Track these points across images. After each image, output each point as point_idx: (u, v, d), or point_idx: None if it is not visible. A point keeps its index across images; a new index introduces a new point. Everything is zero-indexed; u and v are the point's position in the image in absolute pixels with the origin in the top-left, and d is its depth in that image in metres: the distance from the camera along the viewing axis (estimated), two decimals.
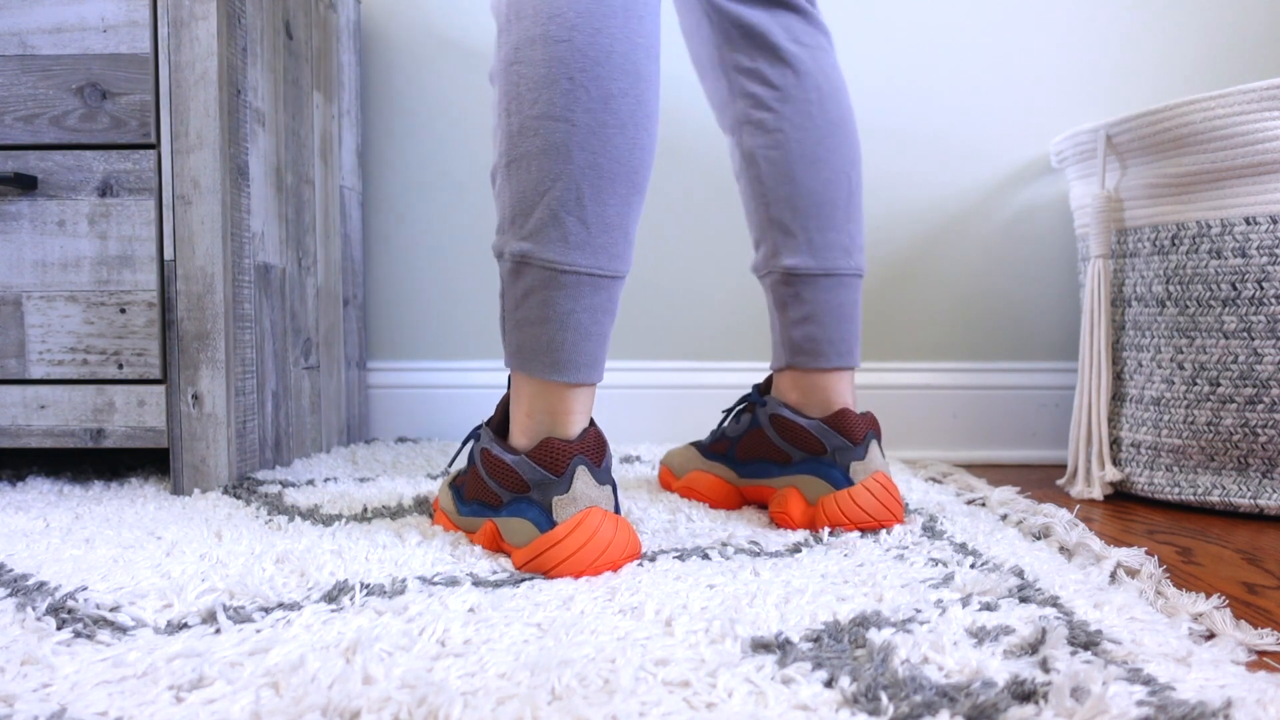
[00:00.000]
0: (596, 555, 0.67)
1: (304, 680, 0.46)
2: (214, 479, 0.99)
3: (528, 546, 0.68)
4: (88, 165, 0.98)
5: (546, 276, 0.69)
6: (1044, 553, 0.74)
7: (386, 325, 1.45)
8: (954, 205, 1.40)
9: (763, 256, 0.89)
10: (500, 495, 0.72)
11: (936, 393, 1.39)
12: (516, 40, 0.69)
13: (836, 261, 0.87)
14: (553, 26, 0.67)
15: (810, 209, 0.86)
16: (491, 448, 0.73)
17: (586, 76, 0.67)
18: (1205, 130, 0.99)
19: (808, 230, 0.86)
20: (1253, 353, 0.98)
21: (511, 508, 0.71)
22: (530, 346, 0.70)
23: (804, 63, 0.87)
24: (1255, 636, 0.56)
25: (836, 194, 0.87)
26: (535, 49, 0.68)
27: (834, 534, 0.80)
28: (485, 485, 0.73)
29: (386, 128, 1.44)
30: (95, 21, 0.97)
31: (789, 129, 0.86)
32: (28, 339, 0.99)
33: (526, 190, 0.68)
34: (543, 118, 0.68)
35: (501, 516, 0.72)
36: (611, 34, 0.68)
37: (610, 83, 0.68)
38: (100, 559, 0.70)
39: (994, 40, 1.39)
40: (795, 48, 0.87)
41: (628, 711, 0.43)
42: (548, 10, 0.67)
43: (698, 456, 0.98)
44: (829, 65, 0.88)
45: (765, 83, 0.86)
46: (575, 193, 0.68)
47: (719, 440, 0.96)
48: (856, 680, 0.47)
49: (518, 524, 0.70)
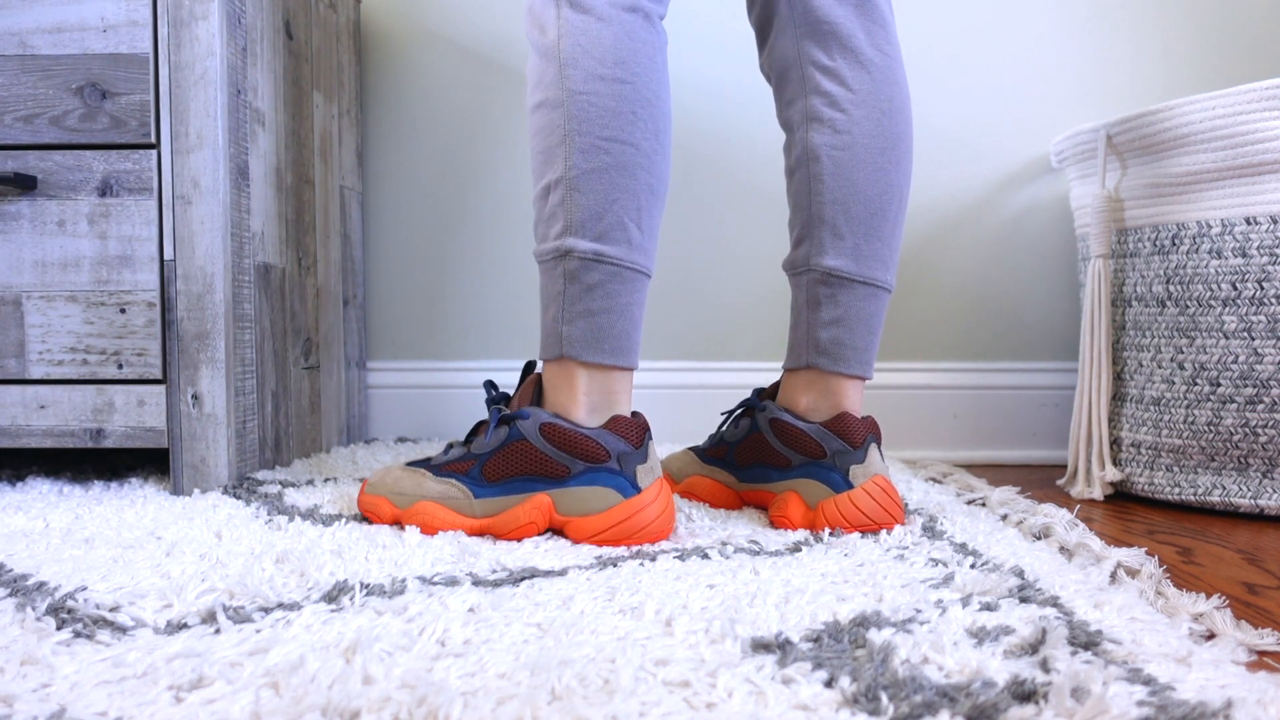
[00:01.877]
0: (667, 521, 0.78)
1: (304, 680, 0.46)
2: (214, 479, 0.99)
3: (608, 512, 0.76)
4: (88, 165, 0.98)
5: (613, 272, 0.80)
6: (1044, 553, 0.74)
7: (386, 325, 1.45)
8: (954, 205, 1.40)
9: (803, 254, 0.90)
10: (570, 466, 0.78)
11: (936, 393, 1.39)
12: (584, 75, 0.79)
13: (876, 272, 0.88)
14: (620, 70, 0.80)
15: (864, 215, 0.87)
16: (559, 423, 0.78)
17: (645, 113, 0.81)
18: (1205, 130, 0.99)
19: (856, 236, 0.87)
20: (1253, 353, 0.98)
21: (585, 477, 0.78)
22: (594, 334, 0.80)
23: (882, 70, 0.89)
24: (1255, 636, 0.56)
25: (889, 206, 0.88)
26: (605, 85, 0.79)
27: (834, 534, 0.80)
28: (544, 459, 0.78)
29: (386, 128, 1.44)
30: (95, 21, 0.97)
31: (858, 133, 0.88)
32: (27, 339, 0.99)
33: (599, 199, 0.79)
34: (612, 140, 0.79)
35: (568, 486, 0.78)
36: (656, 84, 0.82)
37: (657, 121, 0.81)
38: (100, 559, 0.70)
39: (994, 40, 1.39)
40: (876, 54, 0.89)
41: (628, 711, 0.43)
42: (614, 57, 0.80)
43: (696, 461, 0.98)
44: (901, 78, 0.90)
45: (842, 83, 0.88)
46: (636, 204, 0.80)
47: (717, 445, 0.96)
48: (856, 680, 0.47)
49: (593, 491, 0.77)
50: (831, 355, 0.87)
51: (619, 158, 0.80)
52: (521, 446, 0.79)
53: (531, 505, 0.78)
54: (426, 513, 0.80)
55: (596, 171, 0.79)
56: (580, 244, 0.79)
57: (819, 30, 0.88)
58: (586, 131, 0.79)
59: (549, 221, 0.80)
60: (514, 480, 0.79)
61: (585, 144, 0.79)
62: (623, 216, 0.80)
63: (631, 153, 0.80)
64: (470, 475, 0.80)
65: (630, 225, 0.80)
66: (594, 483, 0.77)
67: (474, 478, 0.80)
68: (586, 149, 0.79)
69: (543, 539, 0.78)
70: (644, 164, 0.80)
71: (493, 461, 0.79)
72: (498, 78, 1.42)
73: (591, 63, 0.79)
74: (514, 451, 0.79)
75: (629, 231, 0.80)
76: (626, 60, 0.80)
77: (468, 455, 0.81)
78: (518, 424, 0.79)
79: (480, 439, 0.81)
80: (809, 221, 0.89)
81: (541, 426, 0.78)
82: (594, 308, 0.80)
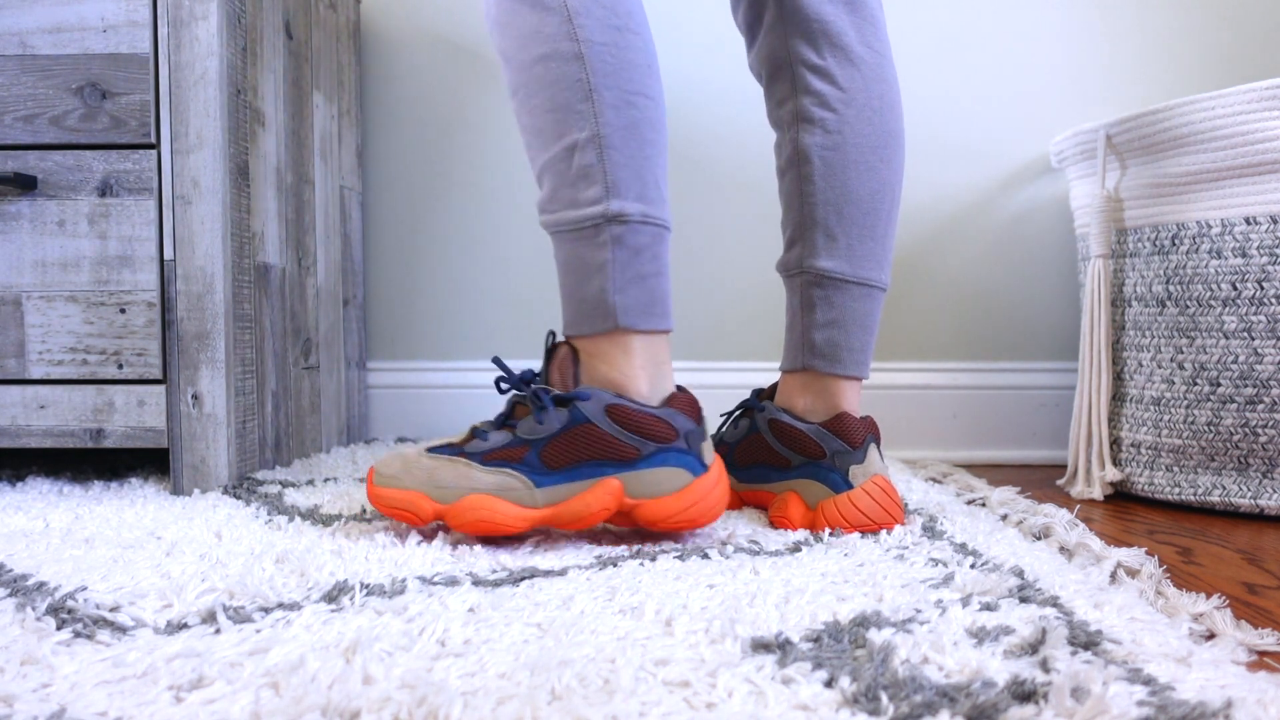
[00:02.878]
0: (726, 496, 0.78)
1: (304, 680, 0.46)
2: (214, 479, 0.99)
3: (682, 492, 0.74)
4: (88, 165, 0.98)
5: (657, 233, 0.78)
6: (1044, 553, 0.74)
7: (386, 325, 1.45)
8: (954, 205, 1.40)
9: (795, 256, 0.90)
10: (641, 448, 0.74)
11: (936, 393, 1.39)
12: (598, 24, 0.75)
13: (870, 272, 0.87)
14: (630, 20, 0.77)
15: (856, 216, 0.86)
16: (626, 404, 0.74)
17: (656, 66, 0.78)
18: (1205, 130, 0.99)
19: (849, 236, 0.87)
20: (1253, 353, 0.98)
21: (657, 458, 0.74)
22: (648, 300, 0.77)
23: (872, 68, 0.87)
24: (1255, 636, 0.56)
25: (881, 205, 0.87)
26: (621, 36, 0.76)
27: (834, 534, 0.80)
28: (611, 442, 0.73)
29: (386, 128, 1.44)
30: (95, 21, 0.97)
31: (849, 133, 0.87)
32: (27, 339, 0.99)
33: (636, 156, 0.76)
34: (638, 94, 0.76)
35: (638, 469, 0.74)
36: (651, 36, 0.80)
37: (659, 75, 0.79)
38: (100, 559, 0.70)
39: (994, 40, 1.39)
40: (866, 51, 0.88)
41: (628, 711, 0.43)
42: (623, 7, 0.77)
43: None
44: (892, 75, 0.89)
45: (833, 82, 0.87)
46: (661, 162, 0.79)
47: (717, 445, 0.96)
48: (856, 680, 0.47)
49: (667, 472, 0.74)
50: (827, 357, 0.87)
51: (645, 112, 0.77)
52: (586, 430, 0.73)
53: (603, 490, 0.73)
54: (483, 507, 0.73)
55: (630, 127, 0.76)
56: (628, 206, 0.75)
57: (809, 28, 0.87)
58: (613, 85, 0.75)
59: (578, 184, 0.75)
60: (581, 466, 0.73)
61: (615, 98, 0.75)
62: (657, 174, 0.78)
63: (654, 108, 0.78)
64: (527, 463, 0.74)
65: (661, 183, 0.78)
66: (665, 463, 0.74)
67: (532, 465, 0.74)
68: (617, 104, 0.75)
69: (543, 538, 0.78)
70: (662, 119, 0.79)
71: (553, 446, 0.74)
72: (498, 78, 1.42)
73: (603, 11, 0.75)
74: (578, 435, 0.73)
75: (661, 189, 0.78)
76: (632, 10, 0.77)
77: (517, 441, 0.74)
78: (578, 405, 0.74)
79: (528, 423, 0.75)
80: (801, 223, 0.89)
81: (608, 408, 0.74)
82: (644, 271, 0.77)
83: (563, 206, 0.76)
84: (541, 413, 0.74)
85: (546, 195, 0.78)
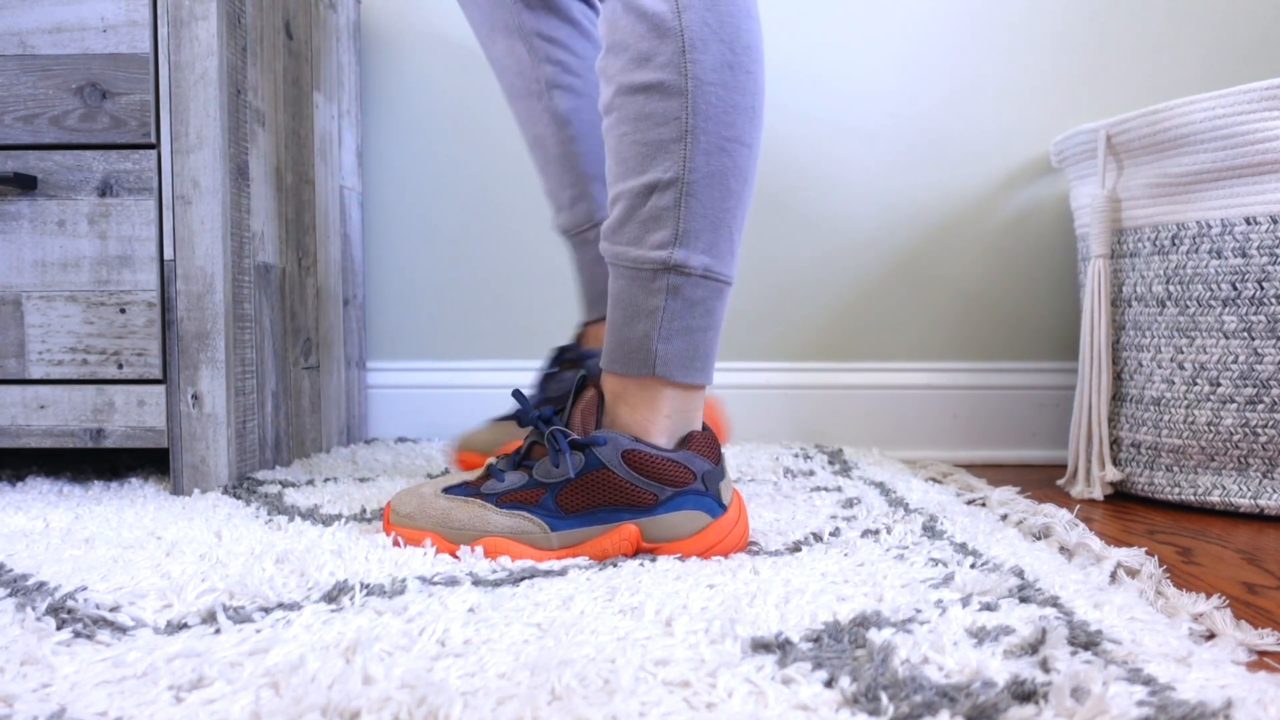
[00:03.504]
0: (747, 529, 0.76)
1: (304, 680, 0.46)
2: (214, 479, 0.99)
3: (700, 536, 0.72)
4: (88, 165, 0.98)
5: (716, 288, 0.74)
6: (1044, 553, 0.74)
7: (386, 325, 1.45)
8: (954, 205, 1.40)
9: (583, 213, 0.95)
10: (658, 493, 0.72)
11: (936, 393, 1.39)
12: (715, 61, 0.71)
13: None
14: (746, 57, 0.72)
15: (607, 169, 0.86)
16: (643, 449, 0.72)
17: (762, 109, 0.74)
18: (1205, 130, 0.99)
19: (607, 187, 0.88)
20: (1253, 353, 0.98)
21: (673, 502, 0.72)
22: (691, 353, 0.74)
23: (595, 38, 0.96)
24: (1255, 636, 0.56)
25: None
26: (733, 75, 0.71)
27: (834, 535, 0.80)
28: (627, 487, 0.71)
29: (386, 128, 1.44)
30: (95, 21, 0.97)
31: (594, 94, 0.94)
32: (27, 339, 0.99)
33: (714, 208, 0.72)
34: (734, 141, 0.72)
35: (655, 515, 0.72)
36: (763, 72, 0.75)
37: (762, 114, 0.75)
38: (100, 559, 0.70)
39: (994, 40, 1.39)
40: (588, 23, 0.99)
41: (628, 711, 0.43)
42: (743, 41, 0.72)
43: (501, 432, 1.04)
44: None
45: (571, 51, 0.95)
46: (741, 213, 0.74)
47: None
48: (856, 680, 0.47)
49: (684, 516, 0.72)
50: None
51: (736, 160, 0.73)
52: (602, 475, 0.71)
53: (619, 536, 0.72)
54: (498, 550, 0.72)
55: (716, 176, 0.72)
56: (692, 259, 0.72)
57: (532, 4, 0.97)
58: (711, 130, 0.71)
59: (649, 225, 0.72)
60: (596, 511, 0.72)
61: (709, 144, 0.72)
62: (732, 227, 0.74)
63: (748, 155, 0.74)
64: (543, 506, 0.72)
65: (736, 235, 0.74)
66: (681, 507, 0.72)
67: (548, 509, 0.72)
68: (709, 150, 0.72)
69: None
70: (753, 168, 0.75)
71: (569, 491, 0.72)
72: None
73: (721, 48, 0.71)
74: (594, 480, 0.71)
75: (735, 241, 0.74)
76: (752, 46, 0.72)
77: (533, 483, 0.73)
78: (594, 451, 0.72)
79: (544, 465, 0.73)
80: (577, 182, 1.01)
81: (624, 454, 0.71)
82: (693, 325, 0.74)
83: (627, 242, 0.74)
84: (558, 455, 0.72)
85: (614, 223, 0.75)
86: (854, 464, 1.20)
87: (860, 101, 1.40)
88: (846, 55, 1.39)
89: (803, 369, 1.41)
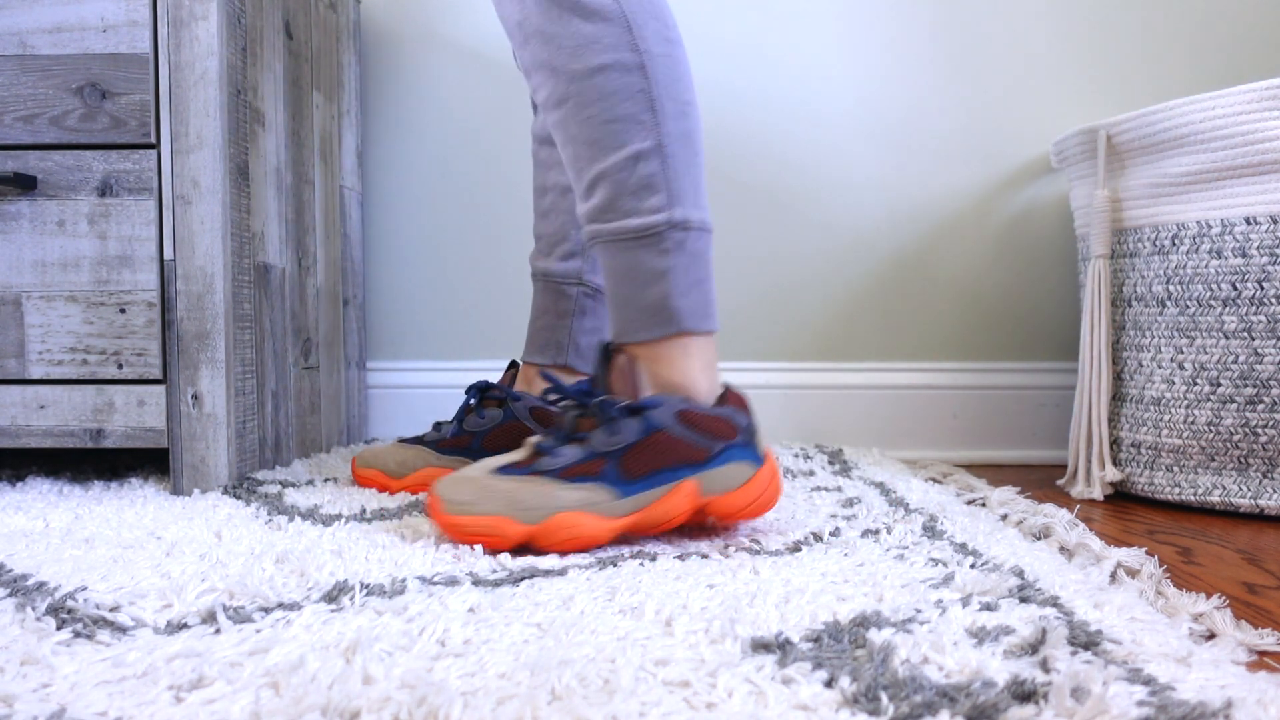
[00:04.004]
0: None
1: (304, 680, 0.46)
2: (214, 479, 0.99)
3: (748, 485, 0.78)
4: (87, 165, 0.98)
5: (707, 239, 0.80)
6: (1044, 553, 0.74)
7: (386, 325, 1.45)
8: (954, 205, 1.40)
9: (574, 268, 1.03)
10: (710, 447, 0.76)
11: (936, 393, 1.39)
12: (655, 36, 0.78)
13: None
14: (674, 32, 0.80)
15: None
16: (694, 407, 0.77)
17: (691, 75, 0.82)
18: (1205, 130, 0.99)
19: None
20: (1253, 353, 0.98)
21: (723, 455, 0.77)
22: (705, 302, 0.80)
23: None
24: (1255, 636, 0.56)
25: None
26: (671, 47, 0.79)
27: (834, 534, 0.80)
28: (684, 445, 0.75)
29: (386, 128, 1.44)
30: (95, 21, 0.97)
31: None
32: (27, 339, 0.99)
33: (690, 165, 0.79)
34: (689, 104, 0.80)
35: (710, 469, 0.77)
36: None
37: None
38: (100, 559, 0.70)
39: (994, 40, 1.39)
40: None
41: (628, 711, 0.43)
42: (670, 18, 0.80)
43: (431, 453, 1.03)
44: None
45: None
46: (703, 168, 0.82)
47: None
48: (856, 680, 0.47)
49: (734, 467, 0.78)
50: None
51: (693, 120, 0.80)
52: (660, 437, 0.74)
53: (681, 493, 0.75)
54: (572, 524, 0.72)
55: (684, 136, 0.79)
56: (691, 213, 0.78)
57: None
58: (672, 96, 0.78)
59: (641, 193, 0.77)
60: (659, 472, 0.75)
61: (673, 109, 0.78)
62: (700, 181, 0.81)
63: (697, 115, 0.81)
64: (605, 475, 0.74)
65: (703, 188, 0.81)
66: (730, 459, 0.77)
67: (611, 476, 0.74)
68: (674, 115, 0.78)
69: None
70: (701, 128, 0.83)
71: (630, 456, 0.74)
72: (498, 78, 1.42)
73: (656, 24, 0.78)
74: (654, 443, 0.74)
75: (704, 195, 0.81)
76: (670, 17, 0.81)
77: (593, 454, 0.74)
78: (650, 414, 0.75)
79: (600, 435, 0.74)
80: None
81: (679, 413, 0.75)
82: (700, 276, 0.79)
83: (623, 215, 0.78)
84: (613, 424, 0.74)
85: (601, 204, 0.78)
86: (854, 464, 1.20)
87: (860, 101, 1.40)
88: (846, 55, 1.39)
89: (803, 369, 1.41)
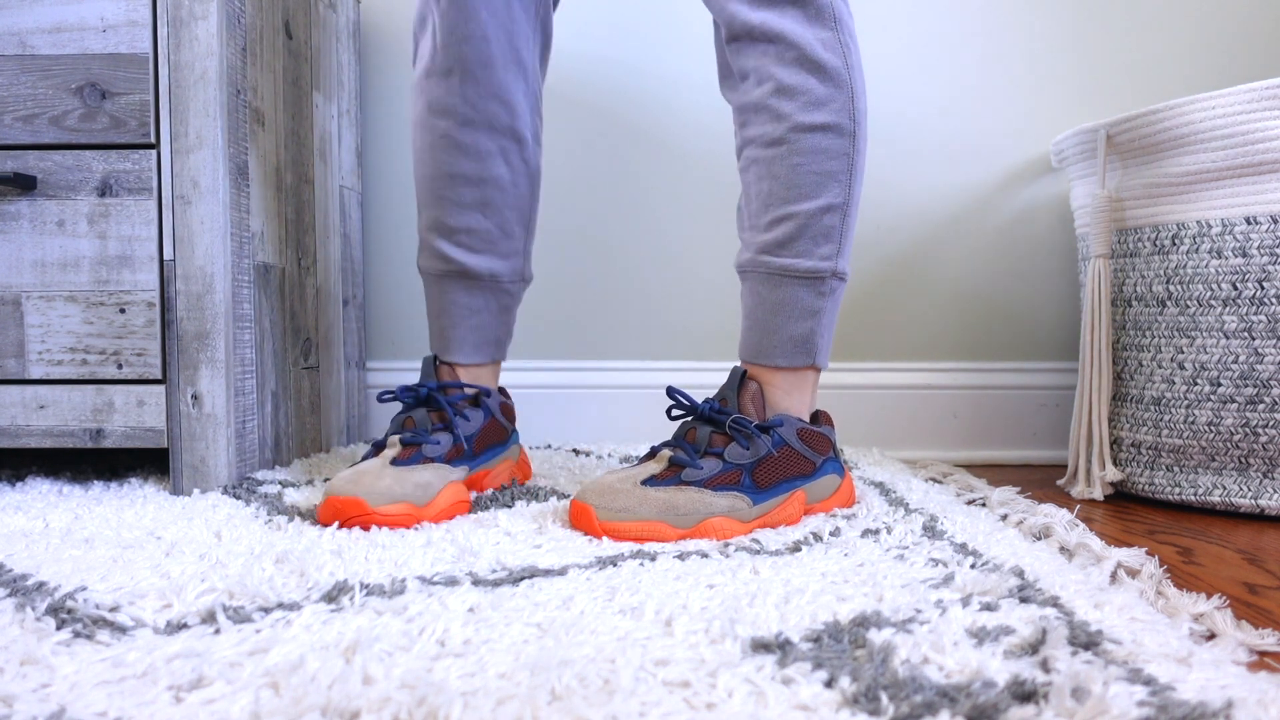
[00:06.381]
0: None
1: (304, 680, 0.46)
2: (213, 479, 0.99)
3: (837, 494, 0.92)
4: (87, 165, 0.98)
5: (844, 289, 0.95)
6: (1044, 553, 0.74)
7: (386, 325, 1.45)
8: (954, 205, 1.40)
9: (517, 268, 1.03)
10: (815, 460, 0.88)
11: (936, 393, 1.39)
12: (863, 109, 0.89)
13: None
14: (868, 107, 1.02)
15: None
16: (809, 427, 0.89)
17: None
18: (1205, 130, 0.99)
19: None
20: (1254, 353, 0.98)
21: (823, 468, 0.90)
22: (830, 343, 0.92)
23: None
24: (1256, 637, 0.56)
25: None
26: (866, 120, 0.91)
27: (834, 534, 0.80)
28: (801, 459, 0.87)
29: (386, 128, 1.44)
30: (95, 21, 0.97)
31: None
32: (27, 339, 0.99)
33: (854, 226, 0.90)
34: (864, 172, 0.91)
35: (814, 480, 0.89)
36: None
37: None
38: (100, 559, 0.70)
39: (994, 40, 1.39)
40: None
41: (628, 711, 0.43)
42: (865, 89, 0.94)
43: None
44: None
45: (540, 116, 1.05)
46: None
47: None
48: (856, 680, 0.47)
49: (829, 478, 0.90)
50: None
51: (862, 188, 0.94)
52: (785, 452, 0.86)
53: (795, 502, 0.86)
54: (720, 528, 0.81)
55: (857, 201, 0.90)
56: (848, 267, 0.90)
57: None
58: (860, 165, 0.89)
59: (819, 240, 0.87)
60: (782, 483, 0.85)
61: (858, 176, 0.89)
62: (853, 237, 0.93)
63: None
64: (743, 485, 0.83)
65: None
66: (827, 471, 0.90)
67: (748, 487, 0.83)
68: (858, 181, 0.89)
69: (542, 536, 0.78)
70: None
71: (762, 469, 0.84)
72: None
73: (863, 99, 0.89)
74: (781, 457, 0.85)
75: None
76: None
77: (730, 466, 0.83)
78: (778, 432, 0.86)
79: (735, 449, 0.83)
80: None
81: (799, 431, 0.87)
82: (834, 321, 0.92)
83: (796, 255, 0.87)
84: (749, 440, 0.84)
85: (780, 239, 0.88)
86: (854, 464, 1.20)
87: None
88: None
89: None
